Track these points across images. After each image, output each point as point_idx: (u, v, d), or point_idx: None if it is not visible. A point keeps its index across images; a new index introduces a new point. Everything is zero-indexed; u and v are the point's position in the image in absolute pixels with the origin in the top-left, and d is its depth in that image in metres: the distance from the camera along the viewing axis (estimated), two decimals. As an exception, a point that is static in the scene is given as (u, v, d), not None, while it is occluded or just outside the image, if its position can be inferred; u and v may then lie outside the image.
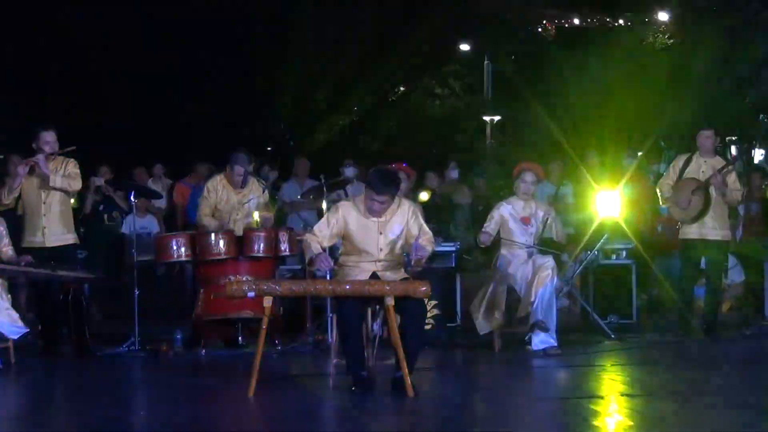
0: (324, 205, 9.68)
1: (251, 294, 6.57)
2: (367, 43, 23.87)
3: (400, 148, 23.73)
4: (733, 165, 9.42)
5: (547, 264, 8.37)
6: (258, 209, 9.16)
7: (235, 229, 8.84)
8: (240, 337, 8.80)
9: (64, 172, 8.65)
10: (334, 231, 6.84)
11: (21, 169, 8.61)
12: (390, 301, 6.38)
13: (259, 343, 6.54)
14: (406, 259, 7.07)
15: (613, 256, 10.38)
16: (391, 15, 23.69)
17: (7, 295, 8.26)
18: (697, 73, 18.64)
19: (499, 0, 25.05)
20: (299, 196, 11.25)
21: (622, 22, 25.38)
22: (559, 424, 5.92)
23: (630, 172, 11.55)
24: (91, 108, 19.29)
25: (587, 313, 9.84)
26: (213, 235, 8.72)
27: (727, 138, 20.02)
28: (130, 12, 19.50)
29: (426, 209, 9.66)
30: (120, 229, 11.75)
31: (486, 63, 24.45)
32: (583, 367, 7.87)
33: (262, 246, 8.71)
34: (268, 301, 6.53)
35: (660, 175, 11.01)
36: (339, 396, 6.52)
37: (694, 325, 9.29)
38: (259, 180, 9.25)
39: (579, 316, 10.42)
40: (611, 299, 10.15)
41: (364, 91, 25.00)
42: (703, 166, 9.22)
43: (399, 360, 6.40)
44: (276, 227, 9.39)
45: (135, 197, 9.41)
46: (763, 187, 11.87)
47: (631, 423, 5.72)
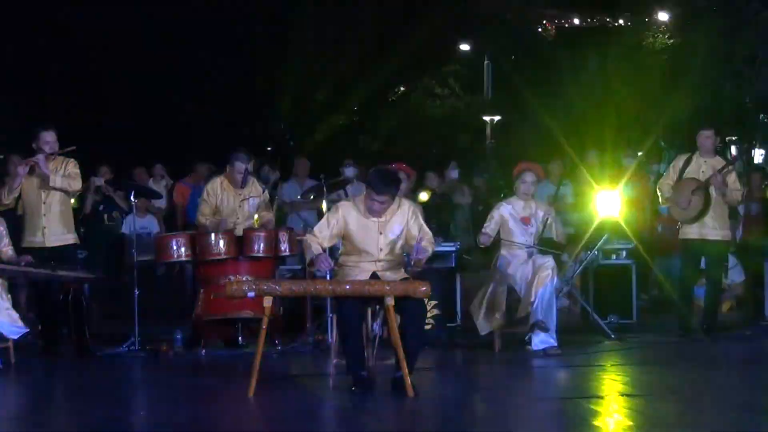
0: (324, 205, 9.67)
1: (251, 294, 6.58)
2: (367, 43, 23.88)
3: (400, 148, 23.73)
4: (733, 165, 9.41)
5: (547, 264, 8.36)
6: (258, 210, 9.16)
7: (235, 230, 8.83)
8: (240, 337, 8.80)
9: (64, 172, 8.64)
10: (334, 231, 6.83)
11: (21, 169, 8.60)
12: (390, 301, 6.38)
13: (259, 343, 6.55)
14: (406, 259, 7.07)
15: (613, 256, 10.38)
16: (391, 15, 23.70)
17: (7, 295, 8.26)
18: (697, 73, 18.64)
19: (499, 0, 25.06)
20: (299, 196, 11.25)
21: (622, 22, 25.40)
22: (559, 424, 5.92)
23: (630, 172, 11.57)
24: (91, 108, 19.29)
25: (587, 313, 9.84)
26: (213, 235, 8.72)
27: (727, 138, 20.03)
28: (130, 12, 19.50)
29: (426, 209, 9.66)
30: (120, 229, 11.75)
31: (486, 63, 24.45)
32: (583, 367, 7.87)
33: (262, 246, 8.70)
34: (268, 301, 6.53)
35: (660, 175, 11.01)
36: (339, 396, 6.52)
37: (694, 325, 9.28)
38: (259, 180, 9.25)
39: (579, 316, 10.41)
40: (611, 299, 10.14)
41: (364, 91, 24.99)
42: (703, 166, 9.21)
43: (399, 360, 6.40)
44: (276, 227, 9.38)
45: (135, 197, 9.40)
46: (763, 187, 11.87)
47: (631, 423, 5.72)
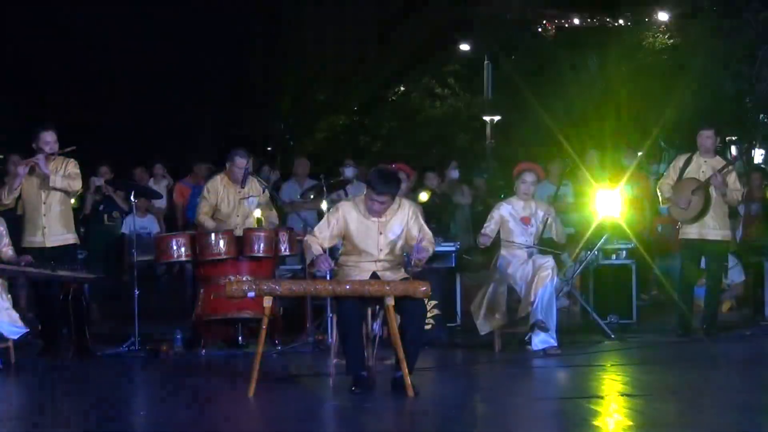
0: (324, 205, 9.67)
1: (251, 294, 6.58)
2: (367, 43, 23.88)
3: (400, 148, 23.75)
4: (733, 165, 9.41)
5: (547, 264, 8.36)
6: (260, 208, 9.14)
7: (235, 230, 8.83)
8: (240, 337, 8.80)
9: (64, 173, 8.63)
10: (334, 232, 6.83)
11: (21, 169, 8.59)
12: (390, 301, 6.38)
13: (259, 343, 6.55)
14: (406, 259, 7.07)
15: (613, 256, 10.36)
16: (391, 15, 23.70)
17: (7, 295, 8.26)
18: (697, 73, 18.63)
19: (499, 0, 25.05)
20: (299, 196, 11.25)
21: (622, 22, 25.39)
22: (559, 424, 5.93)
23: (630, 172, 11.57)
24: (91, 108, 19.29)
25: (587, 313, 9.83)
26: (213, 235, 8.72)
27: (727, 138, 20.02)
28: (130, 12, 19.51)
29: (426, 209, 9.65)
30: (120, 229, 11.75)
31: (486, 63, 24.45)
32: (583, 367, 7.86)
33: (262, 246, 8.70)
34: (268, 301, 6.53)
35: (660, 175, 11.00)
36: (339, 396, 6.52)
37: (694, 325, 9.28)
38: (259, 180, 9.24)
39: (579, 316, 10.41)
40: (611, 299, 10.13)
41: (364, 91, 25.01)
42: (703, 166, 9.20)
43: (399, 360, 6.40)
44: (276, 227, 9.38)
45: (135, 197, 9.40)
46: (763, 187, 11.86)
47: (631, 423, 5.72)
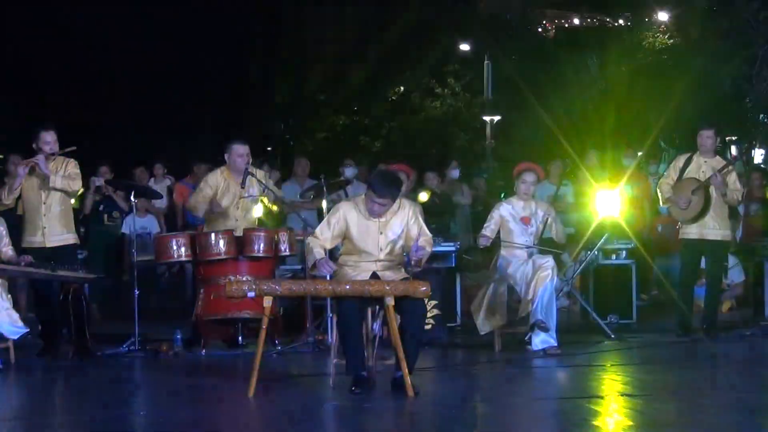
0: (324, 205, 9.66)
1: (251, 294, 6.58)
2: (368, 43, 23.89)
3: (400, 148, 23.76)
4: (733, 165, 9.40)
5: (547, 264, 8.36)
6: (260, 202, 9.10)
7: (235, 231, 8.82)
8: (240, 337, 8.80)
9: (64, 173, 8.62)
10: (335, 232, 6.83)
11: (21, 169, 8.59)
12: (390, 301, 6.38)
13: (259, 343, 6.54)
14: (406, 260, 7.07)
15: (613, 256, 10.37)
16: (391, 15, 23.71)
17: (8, 295, 8.26)
18: (697, 73, 18.64)
19: (499, 0, 25.07)
20: (299, 196, 11.25)
21: (622, 22, 25.42)
22: (559, 424, 5.92)
23: (630, 172, 11.57)
24: (91, 108, 19.29)
25: (587, 313, 9.84)
26: (213, 235, 8.71)
27: (727, 138, 20.05)
28: (130, 12, 19.52)
29: (426, 209, 9.65)
30: (120, 229, 11.76)
31: (486, 63, 24.46)
32: (583, 367, 7.86)
33: (262, 246, 8.70)
34: (268, 301, 6.53)
35: (660, 175, 11.00)
36: (339, 396, 6.52)
37: (694, 325, 9.28)
38: (259, 180, 9.22)
39: (579, 316, 10.42)
40: (611, 299, 10.13)
41: (364, 91, 25.02)
42: (703, 166, 9.20)
43: (399, 360, 6.40)
44: (276, 227, 9.37)
45: (135, 197, 9.40)
46: (763, 187, 11.86)
47: (631, 423, 5.72)
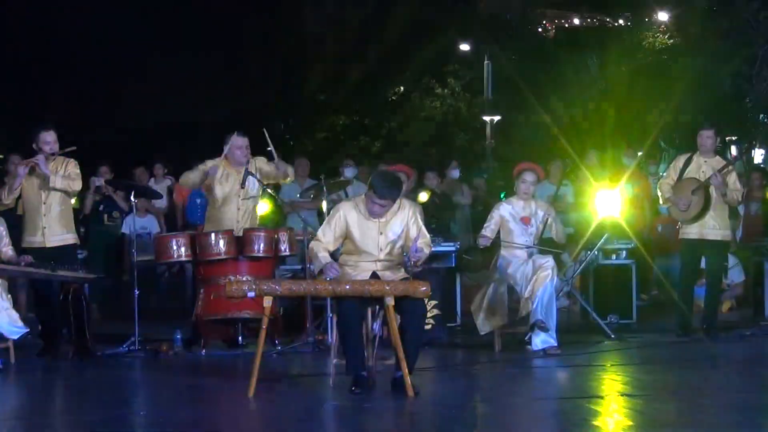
0: (324, 205, 9.66)
1: (251, 294, 6.58)
2: (368, 43, 23.89)
3: (400, 148, 23.77)
4: (733, 165, 9.40)
5: (547, 264, 8.36)
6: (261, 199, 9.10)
7: (235, 231, 8.82)
8: (240, 337, 8.80)
9: (65, 173, 8.62)
10: (337, 234, 6.83)
11: (21, 169, 8.58)
12: (390, 301, 6.38)
13: (259, 343, 6.54)
14: (405, 260, 7.06)
15: (613, 256, 10.37)
16: (391, 15, 23.72)
17: (8, 295, 8.26)
18: (697, 73, 18.65)
19: (499, 0, 25.09)
20: (298, 195, 11.25)
21: (622, 22, 25.42)
22: (559, 424, 5.92)
23: (630, 172, 11.57)
24: (91, 108, 19.30)
25: (587, 313, 9.84)
26: (213, 235, 8.71)
27: (727, 138, 20.05)
28: (130, 12, 19.53)
29: (426, 209, 9.66)
30: (120, 229, 11.76)
31: (486, 63, 24.46)
32: (583, 367, 7.86)
33: (262, 246, 8.70)
34: (268, 301, 6.53)
35: (660, 175, 11.00)
36: (339, 396, 6.52)
37: (694, 325, 9.28)
38: (258, 180, 9.21)
39: (579, 316, 10.42)
40: (611, 299, 10.14)
41: (364, 91, 25.02)
42: (703, 166, 9.20)
43: (399, 360, 6.40)
44: (276, 227, 9.36)
45: (135, 197, 9.40)
46: (763, 187, 11.87)
47: (631, 423, 5.72)
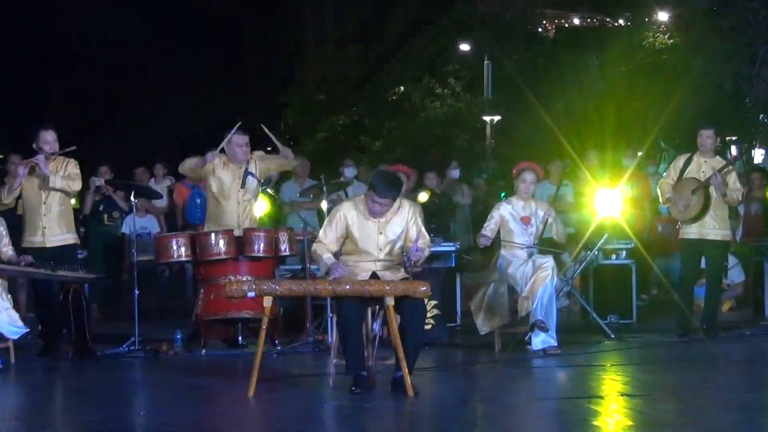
0: (324, 205, 9.66)
1: (251, 294, 6.57)
2: (368, 43, 23.90)
3: (400, 148, 23.79)
4: (733, 165, 9.40)
5: (547, 264, 8.35)
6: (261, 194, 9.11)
7: (235, 230, 8.82)
8: (240, 337, 8.80)
9: (64, 173, 8.61)
10: (338, 234, 6.84)
11: (21, 169, 8.58)
12: (390, 301, 6.38)
13: (259, 343, 6.54)
14: (405, 260, 7.07)
15: (613, 256, 10.38)
16: (391, 15, 23.73)
17: (8, 295, 8.26)
18: (697, 73, 18.65)
19: (500, 0, 25.09)
20: (298, 195, 11.25)
21: (622, 22, 25.42)
22: (559, 424, 5.92)
23: (630, 172, 11.57)
24: (91, 108, 19.32)
25: (587, 313, 9.84)
26: (213, 235, 8.72)
27: (727, 138, 20.04)
28: (130, 13, 19.55)
29: (426, 209, 9.66)
30: (120, 229, 11.77)
31: (486, 63, 24.46)
32: (583, 367, 7.86)
33: (262, 246, 8.70)
34: (268, 301, 6.53)
35: (660, 175, 11.00)
36: (339, 396, 6.52)
37: (694, 325, 9.28)
38: (258, 180, 9.21)
39: (579, 316, 10.42)
40: (611, 299, 10.14)
41: (364, 91, 25.03)
42: (703, 166, 9.20)
43: (399, 360, 6.40)
44: (276, 227, 9.35)
45: (135, 197, 9.40)
46: (763, 187, 11.86)
47: (631, 423, 5.72)
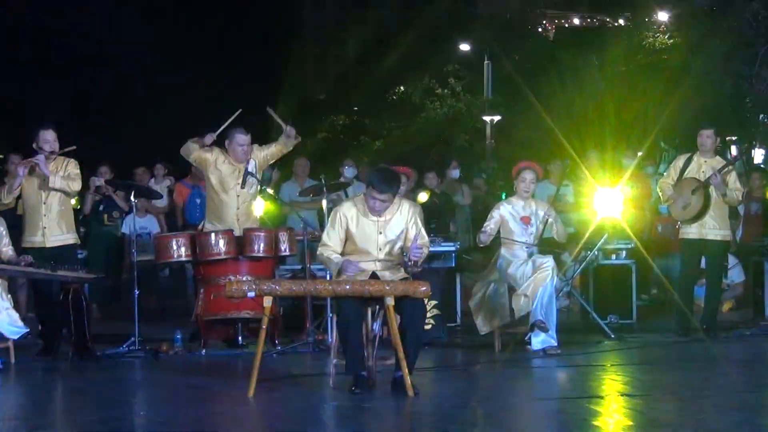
0: (324, 205, 9.67)
1: (251, 294, 6.57)
2: (368, 43, 23.92)
3: (400, 148, 23.78)
4: (733, 165, 9.40)
5: (547, 264, 8.35)
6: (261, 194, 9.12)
7: (235, 230, 8.82)
8: (240, 337, 8.81)
9: (64, 173, 8.61)
10: (341, 235, 6.85)
11: (21, 169, 8.58)
12: (390, 301, 6.38)
13: (259, 343, 6.54)
14: (405, 260, 7.06)
15: (613, 256, 10.38)
16: (391, 15, 23.74)
17: (8, 295, 8.26)
18: (697, 73, 18.65)
19: (499, 0, 25.10)
20: (297, 194, 11.25)
21: (622, 22, 25.43)
22: (559, 424, 5.92)
23: (630, 172, 11.57)
24: (91, 108, 19.33)
25: (587, 313, 9.84)
26: (213, 235, 8.72)
27: (727, 138, 20.05)
28: (131, 13, 19.56)
29: (426, 209, 9.66)
30: (120, 229, 11.77)
31: (486, 63, 24.46)
32: (583, 367, 7.86)
33: (262, 246, 8.71)
34: (268, 301, 6.53)
35: (659, 175, 11.00)
36: (339, 396, 6.52)
37: (694, 325, 9.28)
38: (259, 181, 9.21)
39: (579, 316, 10.42)
40: (611, 299, 10.14)
41: (364, 91, 25.04)
42: (703, 166, 9.20)
43: (399, 360, 6.40)
44: (276, 227, 9.35)
45: (135, 197, 9.40)
46: (763, 187, 11.87)
47: (631, 423, 5.72)
